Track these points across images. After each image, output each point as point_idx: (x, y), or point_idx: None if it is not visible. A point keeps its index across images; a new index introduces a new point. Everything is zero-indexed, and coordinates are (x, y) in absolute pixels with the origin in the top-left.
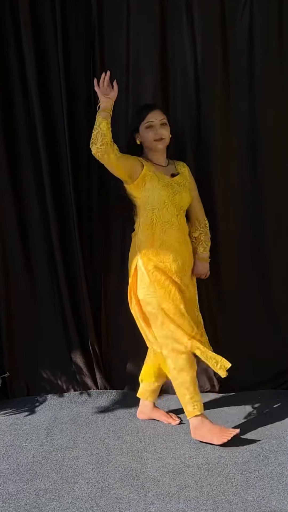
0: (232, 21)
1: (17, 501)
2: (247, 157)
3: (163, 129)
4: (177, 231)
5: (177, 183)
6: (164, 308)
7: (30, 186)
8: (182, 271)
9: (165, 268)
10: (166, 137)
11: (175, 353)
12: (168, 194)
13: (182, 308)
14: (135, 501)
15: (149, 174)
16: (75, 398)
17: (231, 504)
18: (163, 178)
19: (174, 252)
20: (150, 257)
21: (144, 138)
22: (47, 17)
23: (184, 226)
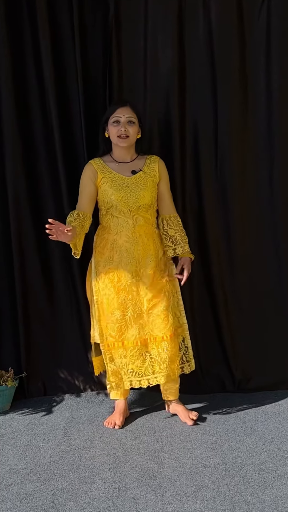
0: (249, 19)
1: (35, 500)
2: (264, 156)
3: (129, 127)
4: (131, 231)
5: (135, 182)
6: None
7: (46, 186)
8: (133, 270)
9: (111, 270)
10: (131, 135)
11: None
12: (121, 196)
13: (116, 312)
14: (152, 501)
15: (103, 178)
16: (92, 398)
17: (248, 504)
18: (119, 178)
19: (126, 253)
20: (98, 259)
21: (110, 132)
22: (65, 16)
23: (144, 224)
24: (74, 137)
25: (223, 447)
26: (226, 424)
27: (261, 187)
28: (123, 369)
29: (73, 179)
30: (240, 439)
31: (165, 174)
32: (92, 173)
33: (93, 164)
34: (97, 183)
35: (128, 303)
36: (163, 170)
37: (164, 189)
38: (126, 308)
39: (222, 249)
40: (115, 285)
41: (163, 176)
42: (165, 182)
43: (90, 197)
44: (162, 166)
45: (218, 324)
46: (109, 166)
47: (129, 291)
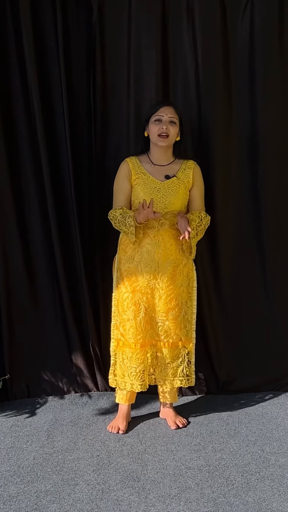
0: (232, 23)
1: (18, 503)
2: (248, 158)
3: (170, 126)
4: (155, 234)
5: (167, 187)
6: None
7: (30, 187)
8: (151, 272)
9: (130, 269)
10: (171, 135)
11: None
12: (149, 200)
13: (136, 313)
14: (135, 503)
15: (137, 179)
16: (75, 400)
17: (232, 506)
18: (152, 182)
19: (146, 254)
20: (121, 256)
21: (150, 131)
22: (48, 18)
23: (169, 229)
24: (58, 137)
25: (206, 449)
26: (209, 426)
27: (246, 189)
28: (126, 371)
29: (56, 179)
30: (223, 441)
31: (199, 180)
32: (127, 171)
33: (128, 162)
34: (131, 182)
35: (141, 305)
36: (198, 176)
37: (196, 194)
38: (139, 309)
39: (205, 251)
40: (132, 285)
41: (197, 182)
42: (197, 188)
43: (126, 195)
44: (197, 172)
45: (201, 326)
46: (144, 167)
47: (144, 292)
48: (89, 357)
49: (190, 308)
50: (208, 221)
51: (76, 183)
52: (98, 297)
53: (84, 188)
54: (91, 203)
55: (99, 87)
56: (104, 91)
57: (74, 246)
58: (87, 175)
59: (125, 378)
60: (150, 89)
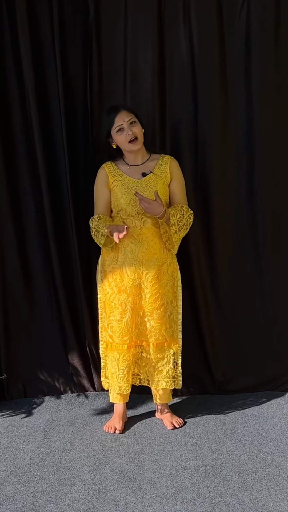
0: (229, 21)
1: (15, 503)
2: (245, 156)
3: (133, 128)
4: (138, 233)
5: (145, 184)
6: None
7: (27, 187)
8: (136, 272)
9: (115, 270)
10: (139, 135)
11: None
12: (129, 199)
13: (122, 313)
14: (132, 503)
15: (114, 181)
16: (72, 400)
17: (228, 506)
18: (129, 181)
19: (130, 254)
20: (105, 257)
21: (118, 142)
22: (45, 19)
23: (152, 227)
24: (54, 137)
25: (203, 449)
26: (206, 426)
27: (242, 188)
28: (114, 373)
29: (53, 179)
30: (220, 441)
31: (178, 174)
32: (104, 177)
33: (105, 168)
34: (109, 187)
35: (127, 305)
36: (175, 171)
37: (176, 189)
38: (125, 310)
39: (202, 251)
40: (118, 285)
41: (175, 176)
42: (176, 182)
43: (105, 201)
44: (174, 167)
45: (198, 326)
46: (120, 169)
47: (130, 293)
48: (86, 357)
49: (176, 308)
50: (191, 215)
51: (73, 183)
52: (95, 297)
53: (81, 188)
54: (87, 203)
55: (96, 87)
56: (101, 91)
57: (70, 245)
58: (83, 175)
59: (114, 380)
60: (147, 88)
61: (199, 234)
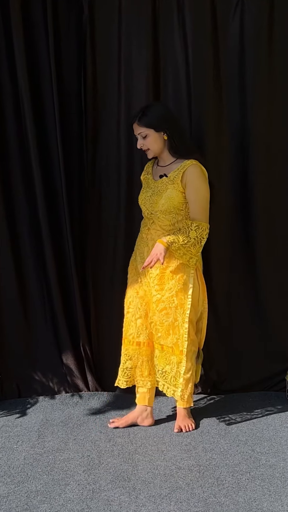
0: (223, 22)
1: (8, 503)
2: (239, 157)
3: (143, 141)
4: (146, 233)
5: (159, 186)
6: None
7: (20, 192)
8: (140, 273)
9: (131, 265)
10: (150, 146)
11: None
12: (144, 198)
13: (129, 306)
14: (126, 503)
15: (144, 178)
16: (66, 400)
17: (222, 506)
18: (150, 181)
19: (138, 252)
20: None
21: None
22: (38, 18)
23: (159, 229)
24: (49, 137)
25: (197, 449)
26: (200, 426)
27: (236, 188)
28: (121, 367)
29: (47, 182)
30: (214, 441)
31: (192, 182)
32: (144, 171)
33: (149, 163)
34: (141, 180)
35: (131, 302)
36: (190, 177)
37: (190, 199)
38: (129, 306)
39: None
40: (129, 280)
41: (189, 184)
42: (190, 191)
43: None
44: (190, 173)
45: None
46: (153, 167)
47: (133, 290)
48: (80, 357)
49: (182, 315)
50: (202, 232)
51: (67, 182)
52: (89, 296)
53: (75, 188)
54: (82, 203)
55: (90, 87)
56: (95, 91)
57: (64, 245)
58: (78, 174)
59: (120, 374)
60: (141, 88)
61: None
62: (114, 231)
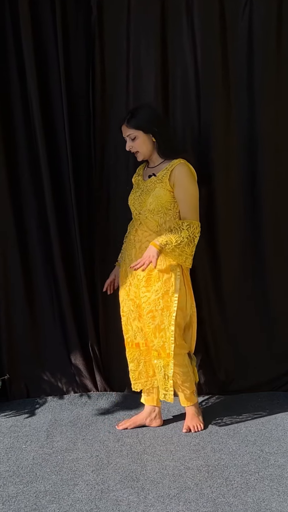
0: (231, 22)
1: (17, 503)
2: (247, 157)
3: (132, 143)
4: (133, 234)
5: (147, 186)
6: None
7: (29, 188)
8: (130, 273)
9: (122, 268)
10: (139, 149)
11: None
12: (133, 198)
13: (123, 309)
14: (135, 503)
15: (134, 179)
16: (75, 400)
17: (231, 506)
18: (140, 182)
19: (126, 253)
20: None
21: None
22: (47, 18)
23: (147, 228)
24: (57, 137)
25: (205, 449)
26: (208, 426)
27: (245, 190)
28: (129, 370)
29: (55, 178)
30: (222, 441)
31: (180, 180)
32: (135, 174)
33: (140, 166)
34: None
35: (124, 305)
36: (178, 176)
37: (179, 197)
38: (122, 309)
39: (204, 252)
40: (120, 283)
41: (177, 182)
42: (178, 189)
43: None
44: (178, 171)
45: (200, 326)
46: (144, 169)
47: (124, 292)
48: (88, 357)
49: (168, 318)
50: (194, 231)
51: (76, 182)
52: (97, 296)
53: (83, 186)
54: (90, 202)
55: (99, 87)
56: (104, 91)
57: (73, 245)
58: (86, 174)
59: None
60: (150, 89)
61: (201, 235)
62: (123, 231)
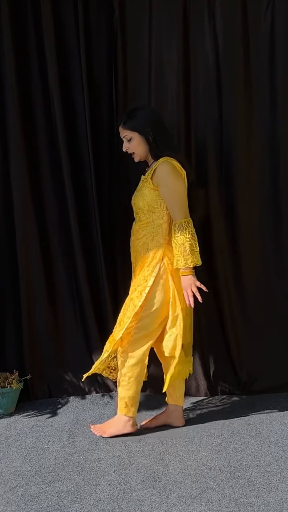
0: (253, 21)
1: (39, 503)
2: (269, 158)
3: (128, 144)
4: (132, 233)
5: (139, 186)
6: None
7: (51, 190)
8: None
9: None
10: (135, 150)
11: None
12: (132, 198)
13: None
14: (157, 503)
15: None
16: (97, 400)
17: (253, 506)
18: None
19: (131, 254)
20: None
21: None
22: (69, 19)
23: (142, 228)
24: (79, 137)
25: (227, 449)
26: (230, 426)
27: (266, 190)
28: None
29: (78, 180)
30: (245, 441)
31: (163, 179)
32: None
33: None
34: None
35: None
36: (161, 176)
37: (164, 194)
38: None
39: (226, 251)
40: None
41: (161, 182)
42: (164, 187)
43: None
44: (159, 171)
45: (223, 326)
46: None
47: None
48: None
49: (131, 307)
50: (184, 232)
51: (97, 181)
52: (120, 295)
53: (105, 188)
54: (111, 203)
55: (121, 87)
56: (126, 91)
57: (94, 243)
58: (108, 175)
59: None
60: (171, 89)
61: (224, 234)
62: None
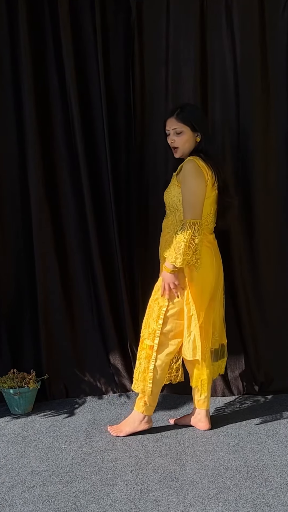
0: (271, 22)
1: (57, 502)
2: (286, 157)
3: (176, 137)
4: (163, 227)
5: (171, 181)
6: None
7: (68, 191)
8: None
9: None
10: (180, 145)
11: None
12: (164, 193)
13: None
14: (174, 504)
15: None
16: (114, 400)
17: (270, 507)
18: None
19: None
20: None
21: None
22: (87, 20)
23: (168, 225)
24: (97, 138)
25: (245, 449)
26: (248, 426)
27: (283, 189)
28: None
29: (95, 180)
30: (262, 441)
31: (184, 177)
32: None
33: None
34: None
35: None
36: (183, 173)
37: (181, 192)
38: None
39: (243, 251)
40: None
41: (182, 179)
42: (182, 185)
43: None
44: (184, 169)
45: (240, 326)
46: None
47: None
48: (127, 357)
49: (157, 311)
50: (185, 233)
51: (115, 182)
52: (137, 296)
53: (123, 188)
54: (129, 203)
55: (138, 88)
56: (143, 92)
57: (112, 244)
58: (125, 174)
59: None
60: (188, 90)
61: (241, 234)
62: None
